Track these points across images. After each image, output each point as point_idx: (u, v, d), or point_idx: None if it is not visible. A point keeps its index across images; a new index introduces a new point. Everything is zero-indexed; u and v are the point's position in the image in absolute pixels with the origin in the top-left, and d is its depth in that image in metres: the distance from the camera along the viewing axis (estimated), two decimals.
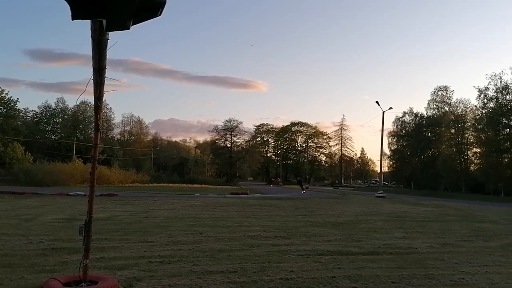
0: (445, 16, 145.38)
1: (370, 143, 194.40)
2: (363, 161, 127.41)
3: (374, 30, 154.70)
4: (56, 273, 6.00)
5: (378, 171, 62.66)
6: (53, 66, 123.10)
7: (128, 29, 2.23)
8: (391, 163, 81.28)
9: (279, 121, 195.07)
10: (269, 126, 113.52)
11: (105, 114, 72.37)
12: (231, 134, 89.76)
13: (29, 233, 9.98)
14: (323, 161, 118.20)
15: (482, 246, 10.35)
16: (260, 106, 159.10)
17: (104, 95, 3.68)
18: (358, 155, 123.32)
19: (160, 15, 2.19)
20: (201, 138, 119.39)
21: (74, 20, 2.05)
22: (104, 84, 3.52)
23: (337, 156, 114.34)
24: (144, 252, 8.07)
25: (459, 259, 8.33)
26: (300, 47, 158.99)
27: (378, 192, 39.90)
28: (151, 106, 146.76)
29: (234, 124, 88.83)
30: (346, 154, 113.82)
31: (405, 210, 21.24)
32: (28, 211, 15.58)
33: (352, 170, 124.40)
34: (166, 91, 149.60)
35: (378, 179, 69.65)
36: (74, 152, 60.28)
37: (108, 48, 2.96)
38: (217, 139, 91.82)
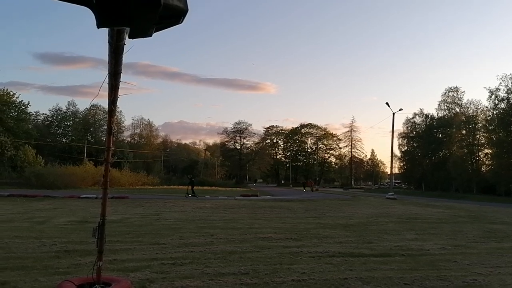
0: (455, 17, 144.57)
1: (380, 144, 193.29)
2: (373, 163, 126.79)
3: (384, 31, 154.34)
4: (69, 275, 6.06)
5: (389, 172, 62.33)
6: (63, 69, 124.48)
7: (151, 36, 2.27)
8: (401, 164, 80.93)
9: (288, 123, 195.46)
10: (279, 128, 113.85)
11: (116, 117, 72.71)
12: (240, 136, 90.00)
13: (42, 236, 10.09)
14: (333, 163, 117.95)
15: (494, 247, 10.27)
16: (269, 108, 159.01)
17: (118, 98, 3.73)
18: (368, 156, 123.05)
19: (181, 23, 2.22)
20: (210, 140, 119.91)
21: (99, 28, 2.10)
22: (118, 88, 3.57)
23: (347, 158, 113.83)
24: (156, 254, 8.13)
25: (472, 261, 8.28)
26: (308, 49, 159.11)
27: (389, 193, 39.65)
28: (161, 109, 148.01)
29: (244, 126, 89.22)
30: (356, 155, 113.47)
31: (416, 212, 21.12)
32: (40, 213, 15.76)
33: (362, 172, 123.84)
34: (175, 94, 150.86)
35: (389, 181, 69.32)
36: (85, 155, 60.79)
37: (124, 53, 3.00)
38: (226, 141, 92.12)
